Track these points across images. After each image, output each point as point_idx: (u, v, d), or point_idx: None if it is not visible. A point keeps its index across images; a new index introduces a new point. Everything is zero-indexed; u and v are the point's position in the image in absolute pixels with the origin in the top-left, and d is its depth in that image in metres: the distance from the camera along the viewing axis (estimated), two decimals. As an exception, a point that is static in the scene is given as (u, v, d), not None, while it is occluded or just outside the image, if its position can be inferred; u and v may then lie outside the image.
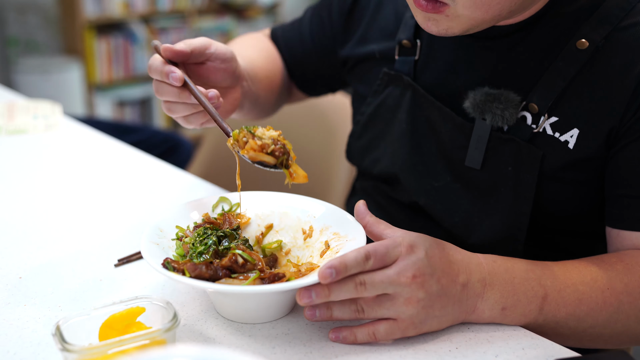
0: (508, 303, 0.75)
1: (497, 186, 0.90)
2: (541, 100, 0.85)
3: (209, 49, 0.89)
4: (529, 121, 0.87)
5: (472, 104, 0.88)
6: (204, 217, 0.86)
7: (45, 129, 1.45)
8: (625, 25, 0.83)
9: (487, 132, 0.88)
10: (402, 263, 0.71)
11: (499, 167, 0.89)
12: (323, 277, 0.69)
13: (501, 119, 0.86)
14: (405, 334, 0.73)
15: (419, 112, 0.97)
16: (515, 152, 0.87)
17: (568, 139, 0.85)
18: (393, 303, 0.71)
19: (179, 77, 0.83)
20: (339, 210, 0.85)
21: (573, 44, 0.84)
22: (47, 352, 0.72)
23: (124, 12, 3.95)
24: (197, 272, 0.74)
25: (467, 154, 0.91)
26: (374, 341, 0.73)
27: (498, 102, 0.86)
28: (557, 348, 0.74)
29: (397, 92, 1.00)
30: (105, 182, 1.19)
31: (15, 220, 1.03)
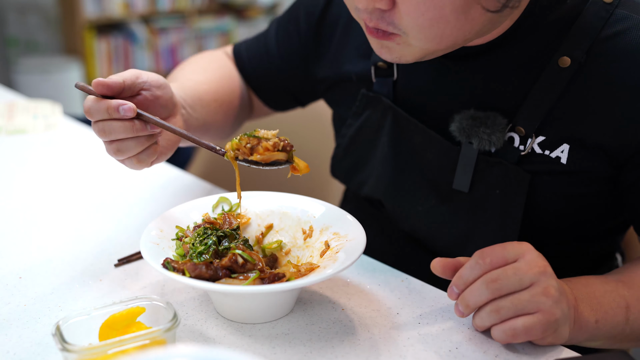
0: (599, 315, 0.75)
1: (485, 208, 0.88)
2: (527, 123, 0.83)
3: (140, 78, 0.82)
4: (516, 143, 0.85)
5: (459, 128, 0.86)
6: (204, 217, 0.86)
7: (45, 129, 1.45)
8: (606, 36, 0.81)
9: (475, 155, 0.87)
10: (528, 256, 0.70)
11: (487, 189, 0.88)
12: (450, 295, 0.74)
13: (488, 143, 0.84)
14: (545, 333, 0.70)
15: (401, 135, 0.94)
16: (503, 174, 0.86)
17: (559, 155, 0.84)
18: (532, 294, 0.69)
19: (132, 108, 0.76)
20: (339, 210, 0.85)
21: (555, 62, 0.82)
22: (47, 352, 0.72)
23: (124, 12, 3.95)
24: (197, 272, 0.74)
25: (455, 177, 0.89)
26: (512, 340, 0.71)
27: (485, 127, 0.84)
28: (557, 348, 0.74)
29: (378, 113, 0.97)
30: (105, 182, 1.19)
31: (15, 220, 1.03)
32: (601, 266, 0.99)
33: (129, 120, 0.77)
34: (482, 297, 0.70)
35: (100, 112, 0.77)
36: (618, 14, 0.81)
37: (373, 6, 0.72)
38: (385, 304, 0.82)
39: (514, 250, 0.71)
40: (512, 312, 0.70)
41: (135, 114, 0.77)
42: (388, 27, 0.74)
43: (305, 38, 1.08)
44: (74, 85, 0.81)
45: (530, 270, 0.69)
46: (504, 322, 0.70)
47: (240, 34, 4.65)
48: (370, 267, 0.91)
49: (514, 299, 0.69)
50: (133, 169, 0.83)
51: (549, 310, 0.69)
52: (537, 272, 0.69)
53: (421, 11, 0.70)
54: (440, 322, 0.78)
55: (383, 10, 0.73)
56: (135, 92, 0.82)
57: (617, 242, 1.01)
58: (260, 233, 0.88)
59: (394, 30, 0.75)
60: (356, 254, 0.75)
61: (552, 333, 0.70)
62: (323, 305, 0.81)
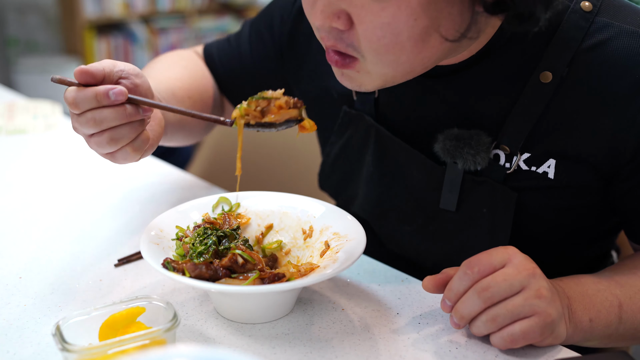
0: (592, 315, 0.75)
1: (473, 227, 0.87)
2: (511, 142, 0.82)
3: (117, 66, 0.76)
4: (502, 160, 0.84)
5: (442, 149, 0.84)
6: (204, 217, 0.86)
7: (45, 129, 1.45)
8: (587, 47, 0.78)
9: (460, 175, 0.85)
10: (515, 260, 0.70)
11: (474, 208, 0.87)
12: (443, 308, 0.74)
13: (473, 163, 0.83)
14: (543, 335, 0.70)
15: (385, 154, 0.92)
16: (490, 193, 0.85)
17: (546, 170, 0.82)
18: (525, 298, 0.69)
19: (123, 91, 0.72)
20: (339, 210, 0.85)
21: (536, 78, 0.80)
22: (47, 352, 0.72)
23: (124, 12, 3.95)
24: (197, 272, 0.74)
25: (441, 196, 0.88)
26: (512, 346, 0.70)
27: (469, 147, 0.82)
28: (557, 348, 0.74)
29: (361, 132, 0.95)
30: (106, 182, 1.19)
31: (15, 220, 1.03)
32: (597, 267, 0.99)
33: (121, 105, 0.72)
34: (475, 307, 0.70)
35: (88, 100, 0.71)
36: (598, 22, 0.79)
37: (330, 25, 0.70)
38: (385, 304, 0.82)
39: (500, 256, 0.71)
40: (508, 318, 0.69)
41: (126, 97, 0.72)
42: (347, 49, 0.73)
43: (280, 45, 1.05)
44: (50, 79, 0.75)
45: (519, 274, 0.69)
46: (502, 329, 0.70)
47: (240, 34, 4.65)
48: (370, 267, 0.91)
49: (508, 305, 0.69)
50: (126, 161, 0.78)
51: (544, 311, 0.69)
52: (527, 275, 0.69)
53: (378, 36, 0.69)
54: (440, 322, 0.78)
55: (341, 31, 0.71)
56: (114, 81, 0.76)
57: (612, 242, 1.01)
58: (260, 233, 0.88)
59: (352, 53, 0.73)
60: (356, 254, 0.75)
61: (550, 334, 0.70)
62: (323, 305, 0.81)
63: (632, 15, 0.80)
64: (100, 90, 0.71)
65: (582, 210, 0.86)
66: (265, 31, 1.07)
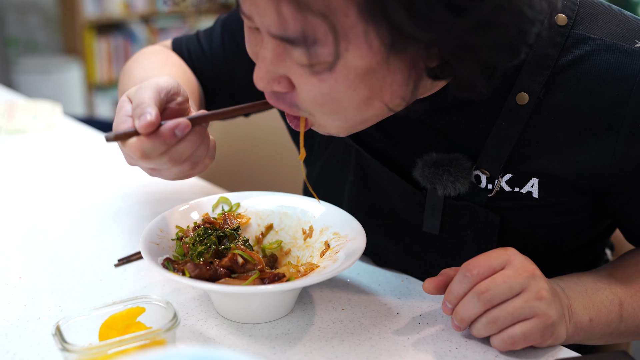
0: (592, 314, 0.74)
1: (458, 249, 0.86)
2: (492, 164, 0.80)
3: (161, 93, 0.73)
4: (483, 183, 0.82)
5: (422, 175, 0.82)
6: (204, 217, 0.86)
7: (45, 129, 1.45)
8: (564, 64, 0.75)
9: (441, 200, 0.84)
10: (515, 262, 0.70)
11: (457, 231, 0.85)
12: (444, 311, 0.74)
13: (453, 189, 0.81)
14: (543, 337, 0.70)
15: (367, 175, 0.90)
16: (472, 216, 0.83)
17: (530, 190, 0.80)
18: (525, 300, 0.68)
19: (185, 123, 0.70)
20: (339, 210, 0.85)
21: (512, 99, 0.77)
22: (47, 352, 0.72)
23: (124, 12, 3.95)
24: (197, 272, 0.74)
25: (424, 220, 0.86)
26: (512, 348, 0.70)
27: (448, 174, 0.80)
28: (557, 348, 0.74)
29: (341, 150, 0.93)
30: (105, 182, 1.19)
31: (16, 220, 1.03)
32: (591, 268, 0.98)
33: (189, 133, 0.71)
34: (475, 309, 0.70)
35: (159, 147, 0.70)
36: (574, 36, 0.75)
37: (271, 89, 0.69)
38: (385, 304, 0.82)
39: (500, 257, 0.71)
40: (508, 320, 0.69)
41: (190, 126, 0.70)
42: (292, 110, 0.71)
43: None
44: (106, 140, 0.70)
45: (519, 275, 0.69)
46: (502, 331, 0.70)
47: (240, 34, 4.65)
48: (370, 267, 0.91)
49: (508, 307, 0.69)
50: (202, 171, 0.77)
51: (545, 313, 0.69)
52: (527, 277, 0.69)
53: (319, 103, 0.67)
54: (440, 322, 0.78)
55: (283, 92, 0.70)
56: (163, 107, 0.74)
57: (605, 243, 1.00)
58: (260, 233, 0.88)
59: (297, 113, 0.72)
60: (356, 254, 0.75)
61: (551, 335, 0.70)
62: (323, 305, 0.81)
63: (609, 24, 0.76)
64: (166, 134, 0.69)
65: (571, 226, 0.85)
66: (238, 33, 1.01)
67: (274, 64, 0.67)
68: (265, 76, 0.68)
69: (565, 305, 0.73)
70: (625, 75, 0.74)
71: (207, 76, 1.06)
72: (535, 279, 0.69)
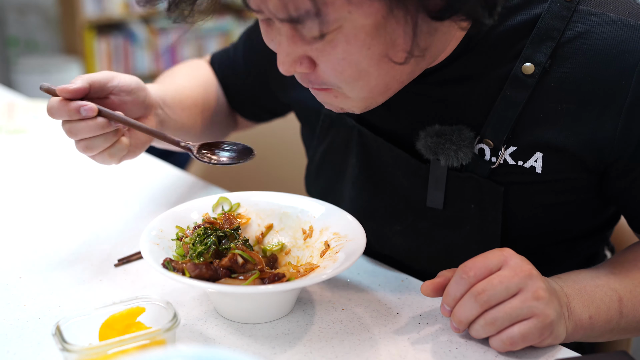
0: (592, 311, 0.75)
1: (463, 224, 0.86)
2: (495, 135, 0.80)
3: (111, 82, 0.85)
4: (487, 155, 0.82)
5: (424, 146, 0.82)
6: (204, 217, 0.86)
7: (45, 129, 1.45)
8: (569, 37, 0.77)
9: (444, 172, 0.84)
10: (511, 262, 0.70)
11: (461, 205, 0.85)
12: (443, 313, 0.74)
13: (456, 159, 0.81)
14: (542, 336, 0.70)
15: (369, 155, 0.91)
16: (476, 189, 0.83)
17: (534, 164, 0.81)
18: (522, 300, 0.69)
19: (92, 108, 0.79)
20: (339, 210, 0.85)
21: (518, 69, 0.78)
22: (47, 352, 0.72)
23: (124, 12, 3.95)
24: (197, 272, 0.74)
25: (427, 195, 0.86)
26: (511, 348, 0.71)
27: (450, 144, 0.81)
28: (556, 348, 0.74)
29: (343, 133, 0.94)
30: (106, 182, 1.19)
31: (16, 220, 1.03)
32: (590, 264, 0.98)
33: (92, 119, 0.79)
34: (473, 311, 0.70)
35: (62, 113, 0.80)
36: (580, 11, 0.77)
37: (295, 71, 0.72)
38: (385, 304, 0.82)
39: (496, 258, 0.71)
40: (506, 321, 0.69)
41: (96, 113, 0.79)
42: (321, 85, 0.75)
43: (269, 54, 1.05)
44: (39, 87, 0.83)
45: (516, 276, 0.69)
46: (501, 332, 0.70)
47: (240, 34, 4.65)
48: (370, 267, 0.91)
49: (505, 307, 0.69)
50: (104, 164, 0.86)
51: (543, 312, 0.69)
52: (523, 277, 0.69)
53: (339, 70, 0.70)
54: (440, 322, 0.78)
55: (308, 73, 0.73)
56: (104, 95, 0.85)
57: (606, 239, 1.00)
58: (260, 233, 0.88)
59: (327, 86, 0.74)
60: (356, 254, 0.75)
61: (550, 335, 0.70)
62: (323, 305, 0.81)
63: (615, 2, 0.78)
64: (71, 107, 0.79)
65: (573, 207, 0.85)
66: (256, 40, 1.07)
67: (290, 46, 0.70)
68: (286, 59, 0.71)
69: (564, 303, 0.73)
70: (631, 49, 0.75)
71: (233, 85, 1.13)
72: (532, 279, 0.70)
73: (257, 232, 0.88)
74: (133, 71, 4.08)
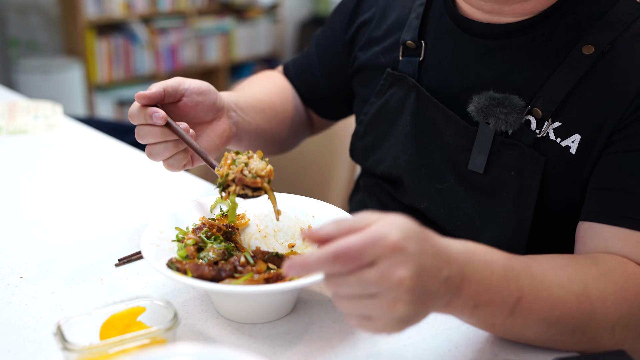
0: (481, 301, 0.68)
1: (500, 190, 0.89)
2: (545, 105, 0.85)
3: (182, 85, 0.92)
4: (532, 126, 0.87)
5: (476, 107, 0.89)
6: (204, 219, 0.86)
7: (45, 129, 1.45)
8: (633, 32, 0.84)
9: (491, 136, 0.89)
10: (387, 263, 0.60)
11: (502, 171, 0.89)
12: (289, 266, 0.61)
13: (505, 123, 0.86)
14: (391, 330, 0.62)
15: (423, 114, 0.97)
16: (518, 156, 0.87)
17: (569, 144, 0.85)
18: (375, 305, 0.61)
19: (162, 116, 0.86)
20: (338, 210, 0.86)
21: (579, 49, 0.85)
22: (48, 352, 0.72)
23: (125, 12, 3.95)
24: (199, 272, 0.75)
25: (470, 157, 0.91)
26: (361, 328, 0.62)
27: (502, 107, 0.86)
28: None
29: (401, 92, 1.00)
30: (106, 182, 1.19)
31: (16, 220, 1.03)
32: None
33: (160, 127, 0.87)
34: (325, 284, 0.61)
35: (139, 117, 0.87)
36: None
37: None
38: (385, 303, 0.82)
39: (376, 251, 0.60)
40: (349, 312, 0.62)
41: (164, 122, 0.86)
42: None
43: (341, 35, 1.13)
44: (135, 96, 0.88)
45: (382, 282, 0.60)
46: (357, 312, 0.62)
47: (240, 35, 4.65)
48: (370, 267, 0.91)
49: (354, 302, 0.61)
50: (169, 170, 0.92)
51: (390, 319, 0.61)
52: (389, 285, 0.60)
53: None
54: (440, 322, 0.78)
55: None
56: (177, 98, 0.92)
57: None
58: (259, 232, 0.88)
59: None
60: (356, 254, 0.75)
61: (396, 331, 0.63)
62: (323, 305, 0.81)
63: None
64: (148, 112, 0.86)
65: None
66: (328, 32, 1.16)
67: None
68: None
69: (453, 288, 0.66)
70: None
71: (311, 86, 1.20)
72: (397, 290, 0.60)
73: (257, 233, 0.88)
74: (133, 72, 4.08)
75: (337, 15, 1.15)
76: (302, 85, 1.20)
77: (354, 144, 1.10)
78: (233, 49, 4.63)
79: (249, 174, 0.80)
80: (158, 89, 0.88)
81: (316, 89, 1.19)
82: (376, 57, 1.05)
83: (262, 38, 4.82)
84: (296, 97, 1.20)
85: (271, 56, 4.93)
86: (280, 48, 5.01)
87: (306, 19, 5.16)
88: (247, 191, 0.80)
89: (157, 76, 4.16)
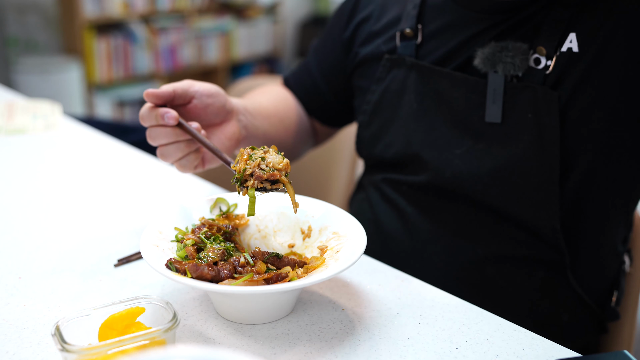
0: None
1: (522, 135, 0.91)
2: (548, 42, 0.88)
3: (192, 87, 0.92)
4: (542, 63, 0.89)
5: (482, 58, 0.91)
6: (204, 219, 0.85)
7: (44, 129, 1.45)
8: None
9: (502, 83, 0.91)
10: None
11: (519, 116, 0.91)
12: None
13: (512, 66, 0.89)
14: None
15: (427, 88, 0.99)
16: (532, 98, 0.90)
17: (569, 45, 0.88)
18: None
19: (174, 116, 0.86)
20: (338, 209, 0.85)
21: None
22: (46, 352, 0.72)
23: (124, 12, 3.95)
24: (198, 272, 0.74)
25: (486, 109, 0.93)
26: None
27: (507, 51, 0.89)
28: (557, 348, 0.74)
29: (401, 74, 1.02)
30: (105, 182, 1.19)
31: (15, 220, 1.03)
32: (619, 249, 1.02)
33: (172, 127, 0.87)
34: None
35: (150, 118, 0.88)
36: None
37: None
38: (385, 304, 0.82)
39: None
40: None
41: (176, 122, 0.86)
42: None
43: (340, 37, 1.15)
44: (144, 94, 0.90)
45: None
46: None
47: (240, 34, 4.65)
48: (370, 267, 0.91)
49: None
50: (181, 172, 0.93)
51: None
52: None
53: None
54: (440, 322, 0.78)
55: None
56: (187, 100, 0.93)
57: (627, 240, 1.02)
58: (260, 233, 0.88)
59: None
60: (356, 254, 0.75)
61: None
62: (323, 305, 0.81)
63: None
64: (160, 112, 0.87)
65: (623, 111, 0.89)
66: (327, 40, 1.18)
67: None
68: None
69: None
70: None
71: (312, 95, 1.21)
72: None
73: (256, 233, 0.88)
74: (132, 71, 4.08)
75: (335, 19, 1.17)
76: (304, 94, 1.21)
77: (359, 135, 1.11)
78: (233, 48, 4.63)
79: (267, 168, 0.79)
80: (167, 89, 0.89)
81: (318, 96, 1.20)
82: (377, 47, 1.07)
83: (262, 38, 4.83)
84: (299, 106, 1.22)
85: (271, 56, 4.94)
86: (280, 48, 5.01)
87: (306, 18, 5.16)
88: (266, 184, 0.80)
89: (156, 76, 4.16)
